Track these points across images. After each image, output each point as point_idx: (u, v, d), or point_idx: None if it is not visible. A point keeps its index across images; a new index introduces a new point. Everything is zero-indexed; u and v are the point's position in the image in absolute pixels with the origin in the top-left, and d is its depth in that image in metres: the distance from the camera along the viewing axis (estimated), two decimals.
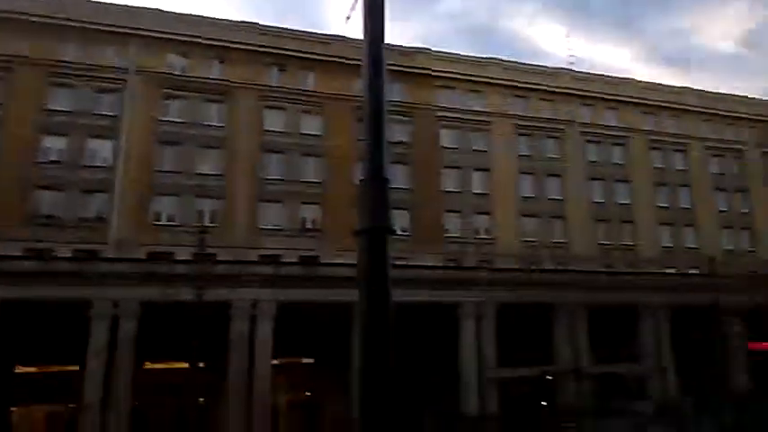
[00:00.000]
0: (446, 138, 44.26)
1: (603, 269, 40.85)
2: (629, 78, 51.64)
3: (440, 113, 44.35)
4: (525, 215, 44.50)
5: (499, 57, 47.47)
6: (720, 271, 39.50)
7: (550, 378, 31.92)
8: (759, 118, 53.92)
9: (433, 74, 44.61)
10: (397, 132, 40.97)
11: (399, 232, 37.59)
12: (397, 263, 30.44)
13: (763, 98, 58.20)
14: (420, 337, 29.22)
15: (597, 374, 32.68)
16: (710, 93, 53.47)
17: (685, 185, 49.79)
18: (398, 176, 39.54)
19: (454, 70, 45.38)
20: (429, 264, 36.42)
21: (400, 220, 38.99)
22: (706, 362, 34.06)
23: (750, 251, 50.13)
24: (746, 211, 51.26)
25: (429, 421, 31.38)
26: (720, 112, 52.46)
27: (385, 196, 3.83)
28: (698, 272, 41.68)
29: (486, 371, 30.60)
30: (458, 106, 44.91)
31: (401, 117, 41.72)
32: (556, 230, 44.98)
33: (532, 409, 32.44)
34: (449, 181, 43.35)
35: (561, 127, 47.36)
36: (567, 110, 47.69)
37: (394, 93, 40.67)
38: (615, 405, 30.33)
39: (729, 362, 34.16)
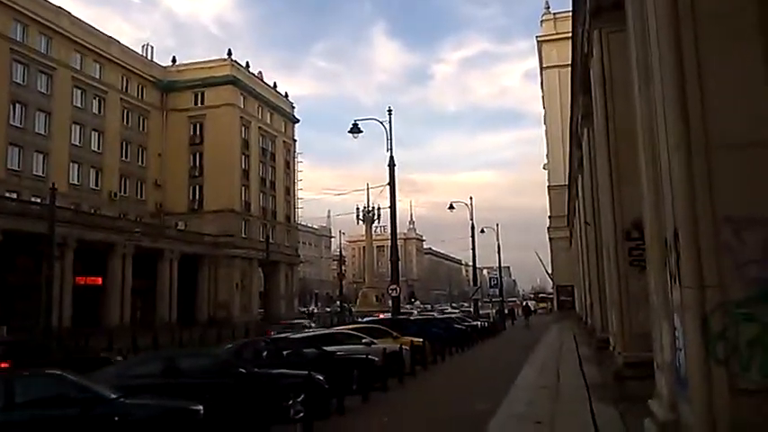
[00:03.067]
0: None
1: None
2: None
3: None
4: None
5: None
6: (63, 204, 39.06)
7: None
8: (127, 66, 56.00)
9: None
10: None
11: None
12: None
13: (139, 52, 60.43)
14: None
15: None
16: (85, 23, 51.93)
17: (46, 112, 47.00)
18: None
19: None
20: None
21: None
22: (30, 291, 33.11)
23: (95, 189, 51.48)
24: (99, 150, 52.27)
25: None
26: (90, 46, 51.60)
27: None
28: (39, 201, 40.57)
29: None
30: None
31: None
32: None
33: None
34: None
35: None
36: None
37: None
38: None
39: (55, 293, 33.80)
